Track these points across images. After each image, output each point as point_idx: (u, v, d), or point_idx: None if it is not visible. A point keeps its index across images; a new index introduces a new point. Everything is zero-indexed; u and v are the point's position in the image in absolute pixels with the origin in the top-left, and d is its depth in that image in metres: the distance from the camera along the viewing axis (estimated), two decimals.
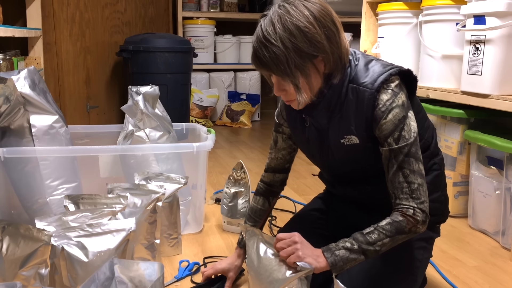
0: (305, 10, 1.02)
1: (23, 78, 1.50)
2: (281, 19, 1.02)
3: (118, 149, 1.71)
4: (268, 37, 1.02)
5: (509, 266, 1.58)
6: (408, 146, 1.05)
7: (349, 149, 1.14)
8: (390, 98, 1.06)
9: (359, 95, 1.08)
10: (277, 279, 1.03)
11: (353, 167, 1.19)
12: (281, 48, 1.02)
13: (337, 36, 1.06)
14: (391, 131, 1.06)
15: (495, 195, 1.75)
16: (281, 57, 1.02)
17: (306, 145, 1.25)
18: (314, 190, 2.28)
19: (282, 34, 1.01)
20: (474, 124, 1.91)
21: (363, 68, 1.10)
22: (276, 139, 1.34)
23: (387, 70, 1.08)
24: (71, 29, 3.49)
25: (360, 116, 1.09)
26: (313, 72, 1.06)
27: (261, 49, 1.04)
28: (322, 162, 1.25)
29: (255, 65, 1.08)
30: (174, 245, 1.61)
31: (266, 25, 1.03)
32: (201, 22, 3.90)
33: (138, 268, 1.01)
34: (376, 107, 1.06)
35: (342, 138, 1.13)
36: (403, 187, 1.06)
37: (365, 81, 1.08)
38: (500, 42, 1.69)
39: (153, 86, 1.76)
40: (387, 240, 1.04)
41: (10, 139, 1.56)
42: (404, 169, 1.06)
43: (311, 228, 1.33)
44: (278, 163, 1.36)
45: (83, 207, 1.32)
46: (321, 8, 1.04)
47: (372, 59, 1.12)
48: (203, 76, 4.04)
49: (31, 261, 1.09)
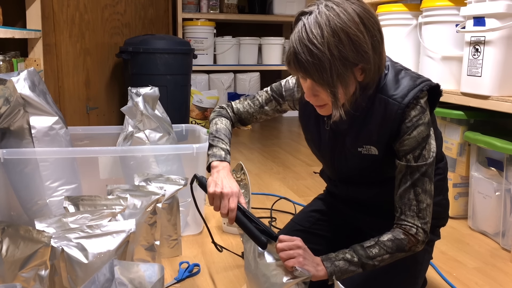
0: (355, 16, 0.95)
1: (23, 79, 1.50)
2: (330, 22, 0.94)
3: (118, 151, 1.71)
4: (314, 40, 0.94)
5: (509, 268, 1.57)
6: (426, 165, 1.05)
7: (366, 158, 1.11)
8: (418, 114, 1.04)
9: (388, 107, 1.04)
10: (275, 283, 1.02)
11: (363, 173, 1.17)
12: (327, 54, 0.94)
13: (381, 46, 1.01)
14: (413, 148, 1.04)
15: (495, 196, 1.75)
16: (325, 64, 0.95)
17: (317, 144, 1.22)
18: (314, 191, 2.28)
19: (330, 39, 0.94)
20: (474, 125, 1.91)
21: (393, 79, 1.06)
22: (265, 103, 1.28)
23: (418, 84, 1.05)
24: (71, 30, 3.49)
25: (385, 129, 1.06)
26: (351, 81, 1.00)
27: (304, 52, 0.95)
28: (331, 164, 1.22)
29: (292, 67, 1.00)
30: (174, 247, 1.60)
31: (312, 26, 0.95)
32: (201, 23, 3.91)
33: (138, 270, 1.00)
34: (403, 121, 1.04)
35: (360, 146, 1.11)
36: (411, 205, 1.06)
37: (395, 93, 1.04)
38: (500, 43, 1.69)
39: (153, 88, 1.76)
40: (387, 257, 1.04)
41: (9, 140, 1.55)
42: (417, 187, 1.05)
43: (312, 229, 1.33)
44: (248, 118, 1.31)
45: (83, 208, 1.32)
46: (369, 14, 0.98)
47: (401, 69, 1.09)
48: (203, 78, 4.04)
49: (30, 263, 1.09)
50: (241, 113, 1.31)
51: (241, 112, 1.31)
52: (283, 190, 2.31)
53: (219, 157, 1.18)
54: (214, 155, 1.19)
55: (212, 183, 1.12)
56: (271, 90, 1.28)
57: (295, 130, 3.92)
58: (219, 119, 1.28)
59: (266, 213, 2.01)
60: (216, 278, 1.47)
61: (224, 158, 1.18)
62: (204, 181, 1.18)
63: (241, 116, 1.31)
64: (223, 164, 1.17)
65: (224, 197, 1.10)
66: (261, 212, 2.02)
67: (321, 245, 1.29)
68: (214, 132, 1.24)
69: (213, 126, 1.26)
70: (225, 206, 1.09)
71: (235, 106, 1.32)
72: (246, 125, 1.31)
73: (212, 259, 1.59)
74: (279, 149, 3.22)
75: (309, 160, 2.91)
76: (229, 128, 1.27)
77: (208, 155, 1.21)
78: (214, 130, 1.25)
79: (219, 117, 1.29)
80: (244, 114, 1.31)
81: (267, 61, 4.20)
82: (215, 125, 1.26)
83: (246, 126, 1.32)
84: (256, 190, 2.28)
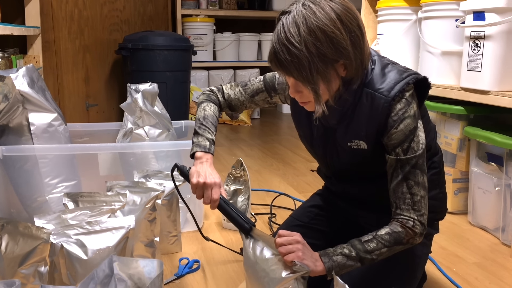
0: (331, 13, 0.97)
1: (22, 76, 1.50)
2: (307, 20, 0.96)
3: (117, 147, 1.71)
4: (291, 39, 0.96)
5: (509, 263, 1.57)
6: (416, 158, 1.05)
7: (356, 153, 1.12)
8: (403, 107, 1.04)
9: (374, 101, 1.05)
10: (274, 278, 1.02)
11: (356, 169, 1.18)
12: (304, 52, 0.96)
13: (362, 41, 1.01)
14: (401, 141, 1.05)
15: (495, 191, 1.75)
16: (304, 61, 0.97)
17: (310, 140, 1.23)
18: (313, 187, 2.28)
19: (307, 38, 0.96)
20: (473, 120, 1.90)
21: (380, 73, 1.07)
22: (256, 93, 1.29)
23: (404, 77, 1.05)
24: (69, 27, 3.48)
25: (372, 123, 1.06)
26: (333, 77, 1.01)
27: (283, 51, 0.98)
28: (324, 159, 1.23)
29: (273, 66, 1.03)
30: (174, 243, 1.60)
31: (289, 25, 0.97)
32: (200, 19, 3.90)
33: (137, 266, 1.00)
34: (389, 115, 1.04)
35: (350, 141, 1.12)
36: (405, 198, 1.06)
37: (381, 87, 1.05)
38: (500, 38, 1.69)
39: (152, 84, 1.76)
40: (385, 250, 1.05)
41: (8, 137, 1.55)
42: (409, 180, 1.06)
43: (310, 224, 1.33)
44: (238, 106, 1.31)
45: (82, 205, 1.32)
46: (347, 11, 0.99)
47: (388, 63, 1.10)
48: (203, 74, 4.03)
49: (30, 259, 1.09)
50: (232, 99, 1.31)
51: (231, 98, 1.31)
52: (283, 186, 2.31)
53: (203, 148, 1.19)
54: (199, 145, 1.20)
55: (195, 174, 1.15)
56: (263, 80, 1.28)
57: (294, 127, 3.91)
58: (208, 104, 1.28)
59: (266, 209, 2.01)
60: (215, 274, 1.47)
61: (209, 149, 1.20)
62: (185, 171, 1.20)
63: (231, 103, 1.31)
64: (207, 156, 1.19)
65: (207, 188, 1.13)
66: (261, 208, 2.02)
67: (320, 240, 1.29)
68: (201, 119, 1.24)
69: (201, 112, 1.26)
70: (208, 197, 1.13)
71: (226, 91, 1.31)
72: (235, 111, 1.33)
73: (212, 255, 1.59)
74: (279, 145, 3.21)
75: (309, 156, 2.91)
76: (217, 115, 1.27)
77: (193, 142, 1.21)
78: (201, 117, 1.24)
79: (207, 102, 1.28)
80: (234, 101, 1.31)
81: (266, 57, 4.19)
82: (203, 110, 1.26)
83: (235, 111, 1.34)
84: (256, 186, 2.27)
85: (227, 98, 1.31)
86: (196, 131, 1.23)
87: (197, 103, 1.31)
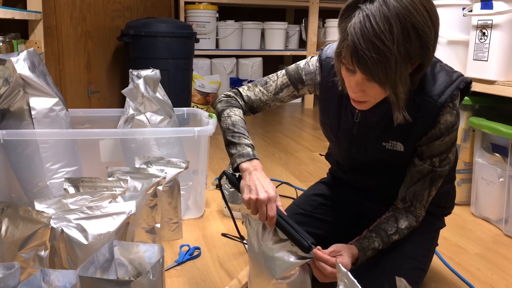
0: (423, 9, 0.86)
1: (23, 59, 1.48)
2: (399, 16, 0.83)
3: (119, 133, 1.70)
4: (382, 36, 0.83)
5: (511, 254, 1.57)
6: (447, 168, 1.07)
7: (388, 153, 1.08)
8: (454, 120, 1.00)
9: (422, 104, 0.99)
10: (279, 265, 1.02)
11: (379, 165, 1.14)
12: (394, 52, 0.83)
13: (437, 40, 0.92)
14: (441, 152, 1.04)
15: (499, 182, 1.73)
16: (392, 62, 0.84)
17: (335, 130, 1.15)
18: (315, 176, 2.27)
19: (400, 36, 0.83)
20: (478, 110, 1.88)
21: (430, 73, 1.00)
22: (281, 89, 1.17)
23: (454, 79, 1.00)
24: (71, 12, 3.45)
25: (416, 126, 1.01)
26: (407, 78, 0.91)
27: (369, 49, 0.83)
28: (347, 152, 1.17)
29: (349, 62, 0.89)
30: (175, 230, 1.60)
31: (379, 20, 0.83)
32: (203, 7, 3.86)
33: (138, 250, 1.00)
34: (437, 124, 1.00)
35: (386, 141, 1.07)
36: (423, 199, 1.09)
37: (431, 90, 0.99)
38: (507, 27, 1.66)
39: (154, 70, 1.74)
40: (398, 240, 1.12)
41: (9, 121, 1.54)
42: (433, 187, 1.08)
43: (313, 213, 1.32)
44: (260, 106, 1.19)
45: (83, 190, 1.31)
46: (432, 4, 0.88)
47: (436, 62, 1.04)
48: (205, 62, 4.00)
49: (30, 243, 1.08)
50: (253, 101, 1.19)
51: (252, 100, 1.19)
52: (284, 175, 2.30)
53: (247, 156, 1.05)
54: (242, 155, 1.06)
55: (246, 188, 1.02)
56: (287, 74, 1.17)
57: (297, 116, 3.90)
58: (231, 110, 1.14)
59: None
60: (216, 261, 1.47)
61: (253, 155, 1.06)
62: (234, 180, 1.08)
63: (252, 105, 1.19)
64: (254, 163, 1.05)
65: (261, 205, 1.01)
66: None
67: (322, 230, 1.28)
68: (231, 127, 1.10)
69: (227, 120, 1.12)
70: (263, 214, 1.01)
71: (244, 93, 1.19)
72: (257, 113, 1.22)
73: (213, 242, 1.59)
74: (281, 134, 3.20)
75: (311, 145, 2.90)
76: (244, 119, 1.15)
77: (233, 154, 1.07)
78: (230, 124, 1.11)
79: (230, 108, 1.15)
80: (256, 103, 1.19)
81: (270, 46, 4.16)
82: (229, 118, 1.12)
83: (257, 113, 1.21)
84: None
85: (248, 100, 1.19)
86: (230, 141, 1.09)
87: (217, 112, 1.18)
